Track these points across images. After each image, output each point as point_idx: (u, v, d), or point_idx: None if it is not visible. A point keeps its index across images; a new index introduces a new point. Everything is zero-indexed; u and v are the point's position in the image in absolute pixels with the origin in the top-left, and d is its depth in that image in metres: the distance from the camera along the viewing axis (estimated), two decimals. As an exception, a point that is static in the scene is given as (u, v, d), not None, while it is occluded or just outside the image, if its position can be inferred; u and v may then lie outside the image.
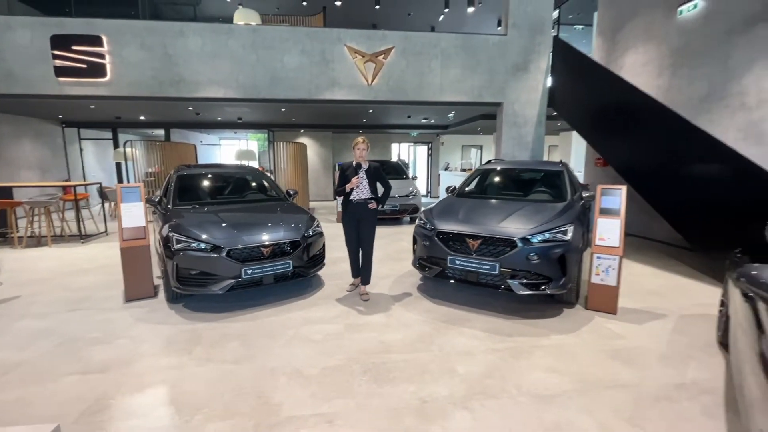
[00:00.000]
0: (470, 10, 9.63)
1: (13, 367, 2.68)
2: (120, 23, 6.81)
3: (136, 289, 3.98)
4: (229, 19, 9.42)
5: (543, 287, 3.42)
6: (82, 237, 6.98)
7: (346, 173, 3.91)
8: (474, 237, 3.60)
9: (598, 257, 3.63)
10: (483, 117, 9.70)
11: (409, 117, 10.60)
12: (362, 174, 3.84)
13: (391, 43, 7.50)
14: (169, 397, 2.35)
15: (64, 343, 3.03)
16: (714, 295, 3.95)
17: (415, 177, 11.70)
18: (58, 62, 6.68)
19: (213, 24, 7.27)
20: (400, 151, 15.78)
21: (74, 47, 6.71)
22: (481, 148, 15.54)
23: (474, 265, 3.57)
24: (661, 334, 3.21)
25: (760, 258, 2.34)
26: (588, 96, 7.29)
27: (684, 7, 6.17)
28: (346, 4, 10.37)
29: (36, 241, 6.77)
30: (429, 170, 15.54)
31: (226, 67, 7.18)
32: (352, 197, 3.87)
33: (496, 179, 5.23)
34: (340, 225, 4.16)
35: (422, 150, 16.02)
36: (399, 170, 9.82)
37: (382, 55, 7.50)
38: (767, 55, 5.02)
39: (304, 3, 10.18)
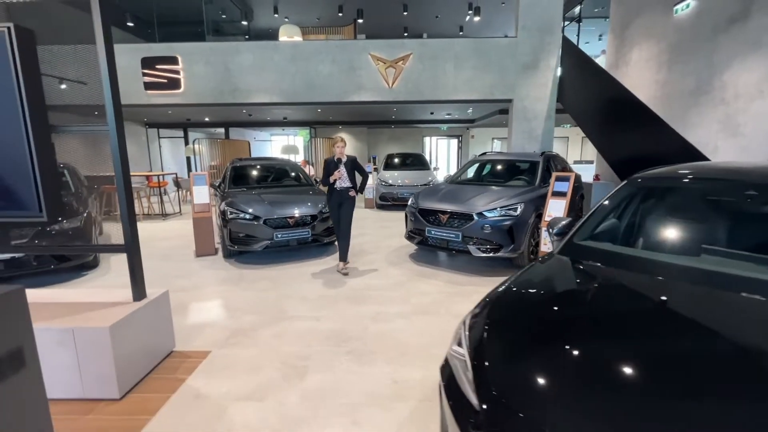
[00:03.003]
0: (476, 19, 10.33)
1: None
2: (191, 45, 8.55)
3: (203, 248, 5.53)
4: (277, 31, 10.95)
5: (496, 251, 4.40)
6: (163, 215, 8.92)
7: (329, 166, 4.59)
8: (443, 212, 4.66)
9: (545, 230, 4.52)
10: (501, 112, 10.40)
11: (432, 113, 11.57)
12: (342, 167, 4.55)
13: (410, 50, 8.54)
14: (222, 304, 3.75)
15: (159, 278, 4.58)
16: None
17: (437, 168, 12.64)
18: (147, 78, 8.57)
19: (261, 42, 8.80)
20: (432, 145, 16.70)
21: (158, 66, 8.56)
22: (512, 140, 15.99)
23: (444, 234, 4.64)
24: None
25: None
26: (585, 91, 7.84)
27: (679, 6, 6.56)
28: (378, 12, 11.49)
29: (131, 218, 8.79)
30: (459, 161, 16.33)
31: (272, 77, 8.67)
32: (335, 186, 4.56)
33: (483, 169, 6.16)
34: (366, 210, 5.20)
35: (454, 143, 16.81)
36: (422, 161, 10.87)
37: (402, 61, 8.57)
38: (744, 52, 5.43)
39: (340, 14, 11.46)
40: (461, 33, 13.12)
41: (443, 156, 17.01)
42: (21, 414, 1.39)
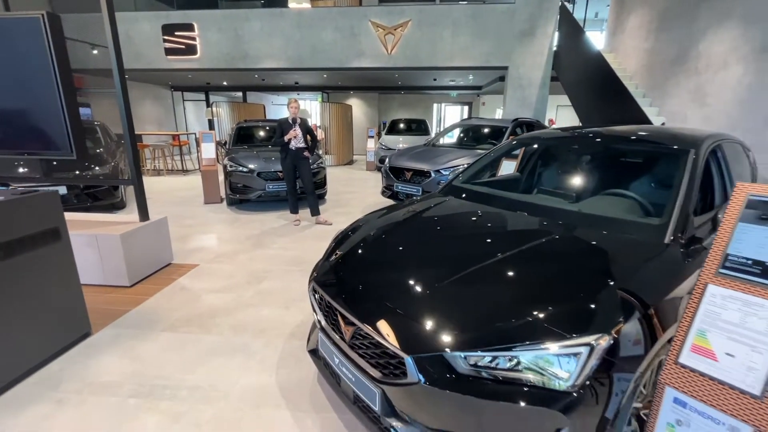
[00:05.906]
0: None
1: (149, 223, 5.24)
2: (205, 13, 9.20)
3: (210, 197, 6.48)
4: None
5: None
6: (184, 171, 9.98)
7: (283, 126, 4.80)
8: (408, 170, 5.32)
9: (497, 188, 5.11)
10: (501, 79, 10.55)
11: (435, 80, 11.82)
12: (297, 127, 4.80)
13: (409, 17, 8.84)
14: (216, 236, 4.68)
15: (171, 217, 5.56)
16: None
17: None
18: (167, 44, 9.36)
19: (270, 9, 9.32)
20: (442, 112, 16.89)
21: (176, 33, 9.31)
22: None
23: (408, 189, 5.32)
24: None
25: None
26: (573, 61, 7.98)
27: (670, -27, 6.54)
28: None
29: (156, 172, 9.92)
30: (470, 129, 16.53)
31: (279, 44, 9.25)
32: (290, 146, 4.79)
33: (465, 134, 6.68)
34: (367, 172, 5.77)
35: (465, 109, 16.90)
36: (424, 127, 11.33)
37: (401, 28, 8.90)
38: (719, 21, 5.54)
39: (350, -22, 11.62)
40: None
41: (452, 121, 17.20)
42: (58, 270, 2.29)
